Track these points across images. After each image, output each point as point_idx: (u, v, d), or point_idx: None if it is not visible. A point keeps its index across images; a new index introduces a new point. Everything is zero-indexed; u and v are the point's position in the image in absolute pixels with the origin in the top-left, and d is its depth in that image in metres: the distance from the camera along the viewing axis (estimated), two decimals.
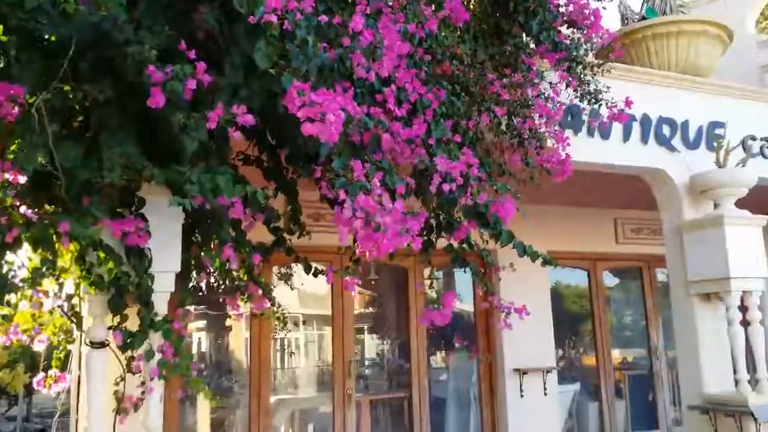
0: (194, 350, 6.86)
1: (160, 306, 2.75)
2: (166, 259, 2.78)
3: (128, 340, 2.64)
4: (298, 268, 7.41)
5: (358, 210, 2.14)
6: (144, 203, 2.71)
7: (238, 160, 3.33)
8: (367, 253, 2.61)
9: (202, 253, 2.76)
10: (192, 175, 2.20)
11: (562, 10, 3.84)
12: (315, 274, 3.44)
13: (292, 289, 6.92)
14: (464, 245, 3.64)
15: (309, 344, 7.48)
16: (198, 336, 7.15)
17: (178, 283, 2.87)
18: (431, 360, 6.79)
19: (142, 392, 2.69)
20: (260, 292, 3.17)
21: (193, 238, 3.08)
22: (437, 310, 3.08)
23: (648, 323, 7.36)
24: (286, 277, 7.29)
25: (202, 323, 6.91)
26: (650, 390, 7.31)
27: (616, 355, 7.46)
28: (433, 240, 3.60)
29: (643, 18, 4.77)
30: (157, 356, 2.62)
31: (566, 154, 3.71)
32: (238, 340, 6.83)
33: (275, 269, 6.70)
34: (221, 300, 3.60)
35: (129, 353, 2.68)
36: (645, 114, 4.55)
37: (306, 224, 3.39)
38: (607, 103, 3.89)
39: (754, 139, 4.83)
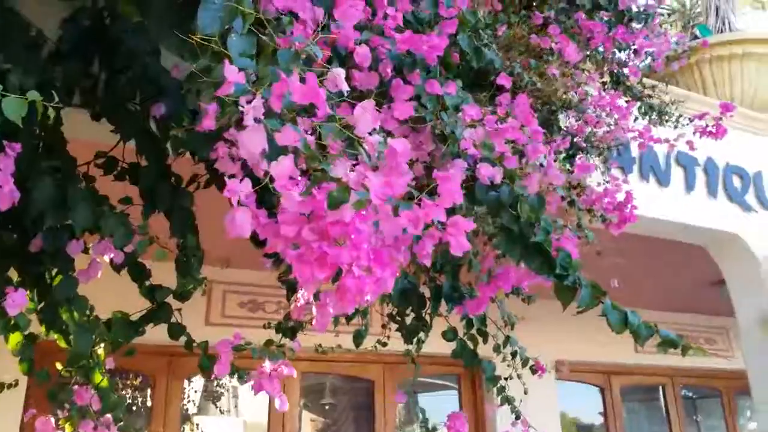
0: None
1: None
2: None
3: None
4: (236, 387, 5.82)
5: (290, 133, 0.70)
6: None
7: (95, 166, 1.87)
8: (314, 310, 1.18)
9: None
10: None
11: None
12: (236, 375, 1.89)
13: (221, 413, 5.32)
14: (476, 328, 2.28)
15: None
16: None
17: None
18: None
19: None
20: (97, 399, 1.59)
21: None
22: None
23: None
24: (215, 397, 5.66)
25: None
26: None
27: None
28: (427, 318, 2.20)
29: (695, 38, 3.64)
30: None
31: (627, 192, 2.38)
32: None
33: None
34: None
35: None
36: (709, 158, 3.30)
37: (207, 278, 1.85)
38: (683, 117, 2.63)
39: None
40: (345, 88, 0.79)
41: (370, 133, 0.78)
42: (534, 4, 2.53)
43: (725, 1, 3.92)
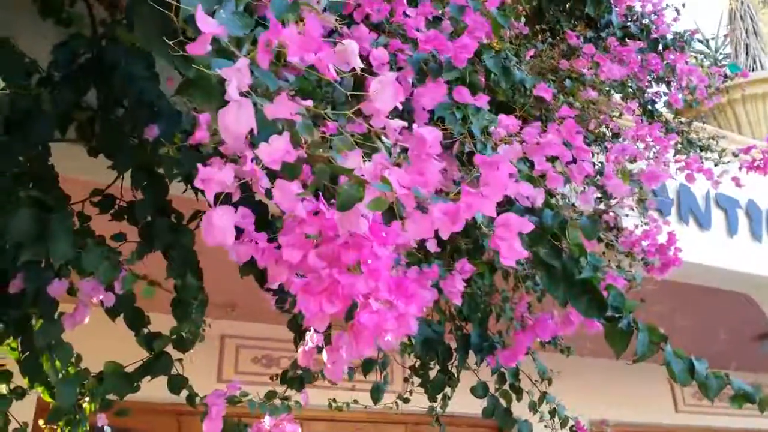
0: None
1: None
2: None
3: None
4: None
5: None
6: None
7: (91, 204, 1.72)
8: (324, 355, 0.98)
9: None
10: None
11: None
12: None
13: None
14: (509, 383, 2.09)
15: None
16: None
17: None
18: None
19: None
20: None
21: None
22: None
23: None
24: None
25: None
26: None
27: None
28: (454, 372, 1.99)
29: (725, 77, 3.49)
30: None
31: (669, 233, 2.18)
32: None
33: None
34: None
35: None
36: (751, 200, 3.09)
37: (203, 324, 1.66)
38: (724, 154, 2.45)
39: None
40: (358, 64, 0.62)
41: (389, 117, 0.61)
42: (558, 36, 2.40)
43: (756, 40, 3.78)
